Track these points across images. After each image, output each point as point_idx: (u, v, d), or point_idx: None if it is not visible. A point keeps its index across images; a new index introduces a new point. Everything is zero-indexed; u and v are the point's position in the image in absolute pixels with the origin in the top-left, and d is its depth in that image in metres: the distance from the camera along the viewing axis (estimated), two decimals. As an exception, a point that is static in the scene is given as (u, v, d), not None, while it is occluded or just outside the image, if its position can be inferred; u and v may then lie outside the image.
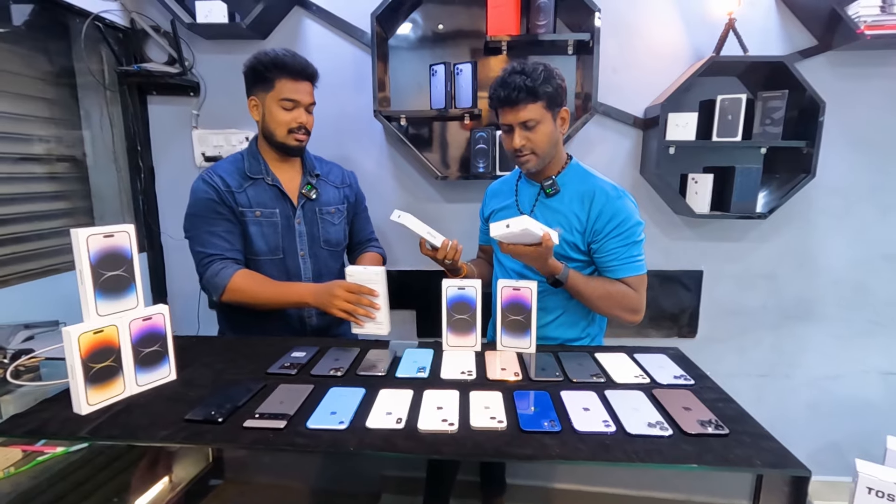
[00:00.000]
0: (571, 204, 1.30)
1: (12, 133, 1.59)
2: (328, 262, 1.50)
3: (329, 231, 1.48)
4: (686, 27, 1.88)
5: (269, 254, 1.40)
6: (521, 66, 1.23)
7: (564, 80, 1.27)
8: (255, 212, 1.37)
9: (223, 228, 1.34)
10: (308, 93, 1.38)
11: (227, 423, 0.85)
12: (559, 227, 1.29)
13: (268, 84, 1.34)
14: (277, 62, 1.32)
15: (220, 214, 1.34)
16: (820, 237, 2.00)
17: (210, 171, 1.38)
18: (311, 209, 1.46)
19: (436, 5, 1.90)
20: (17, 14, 1.60)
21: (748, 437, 0.81)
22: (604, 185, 1.29)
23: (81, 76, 1.84)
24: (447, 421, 0.84)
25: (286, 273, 1.42)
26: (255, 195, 1.38)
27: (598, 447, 0.78)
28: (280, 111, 1.35)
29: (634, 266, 1.27)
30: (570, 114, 1.30)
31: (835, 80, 1.85)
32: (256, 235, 1.38)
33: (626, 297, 1.27)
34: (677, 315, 2.07)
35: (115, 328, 0.92)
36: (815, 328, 2.07)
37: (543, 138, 1.25)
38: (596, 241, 1.28)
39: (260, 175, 1.40)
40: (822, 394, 2.11)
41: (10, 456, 0.98)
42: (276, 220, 1.40)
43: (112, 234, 0.92)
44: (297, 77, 1.34)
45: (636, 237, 1.27)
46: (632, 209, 1.28)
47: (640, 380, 1.02)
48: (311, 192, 1.45)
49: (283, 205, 1.41)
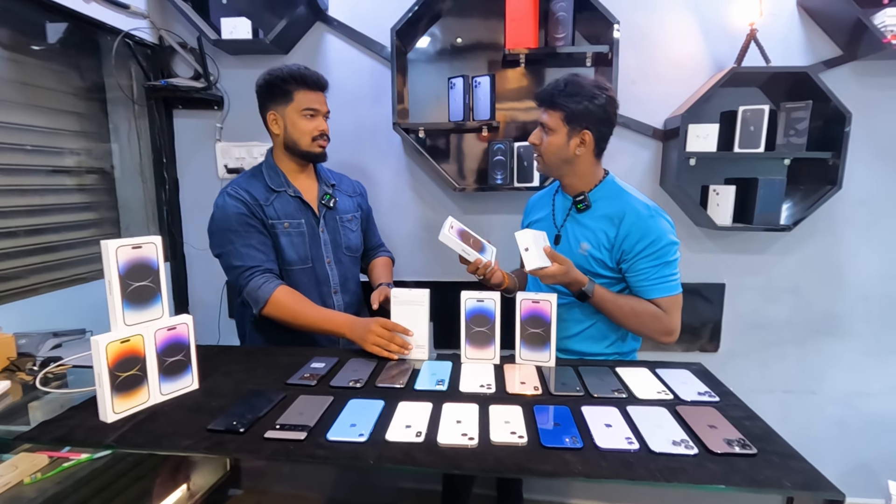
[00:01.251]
0: (601, 221, 1.29)
1: (46, 146, 1.64)
2: (351, 268, 1.56)
3: (350, 238, 1.54)
4: (706, 38, 1.86)
5: (300, 263, 1.44)
6: (567, 77, 1.25)
7: (609, 106, 1.24)
8: (283, 223, 1.42)
9: (258, 241, 1.37)
10: (324, 102, 1.46)
11: (248, 433, 0.85)
12: (586, 243, 1.29)
13: (287, 97, 1.39)
14: (295, 75, 1.39)
15: (253, 227, 1.37)
16: (847, 250, 1.95)
17: (234, 186, 1.40)
18: (332, 217, 1.51)
19: (454, 19, 1.92)
20: (52, 32, 1.67)
21: (777, 457, 0.79)
22: (636, 204, 1.26)
23: (111, 91, 1.90)
24: (467, 435, 0.83)
25: (316, 280, 1.47)
26: (281, 207, 1.42)
27: (621, 465, 0.76)
28: (302, 121, 1.41)
29: (667, 286, 1.25)
30: (592, 140, 1.26)
31: (861, 90, 1.81)
32: (287, 246, 1.42)
33: (656, 318, 1.25)
34: (699, 329, 2.03)
35: (140, 337, 0.94)
36: (843, 343, 2.01)
37: (551, 148, 1.28)
38: (626, 261, 1.26)
39: (282, 188, 1.44)
40: (852, 411, 2.04)
41: (37, 462, 1.01)
42: (304, 230, 1.45)
43: (140, 245, 0.94)
44: (314, 87, 1.42)
45: (669, 257, 1.24)
46: (665, 228, 1.25)
47: (662, 396, 1.00)
48: (330, 200, 1.50)
49: (306, 215, 1.46)
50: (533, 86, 1.94)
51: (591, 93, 1.22)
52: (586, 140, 1.26)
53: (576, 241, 1.31)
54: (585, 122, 1.24)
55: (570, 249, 1.32)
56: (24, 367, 1.17)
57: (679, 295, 1.27)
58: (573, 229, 1.33)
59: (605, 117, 1.25)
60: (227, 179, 2.05)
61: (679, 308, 1.27)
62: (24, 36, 1.57)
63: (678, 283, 1.26)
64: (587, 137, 1.25)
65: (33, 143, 1.59)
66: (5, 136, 1.51)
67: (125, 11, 1.76)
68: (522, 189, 1.87)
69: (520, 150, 1.85)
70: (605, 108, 1.24)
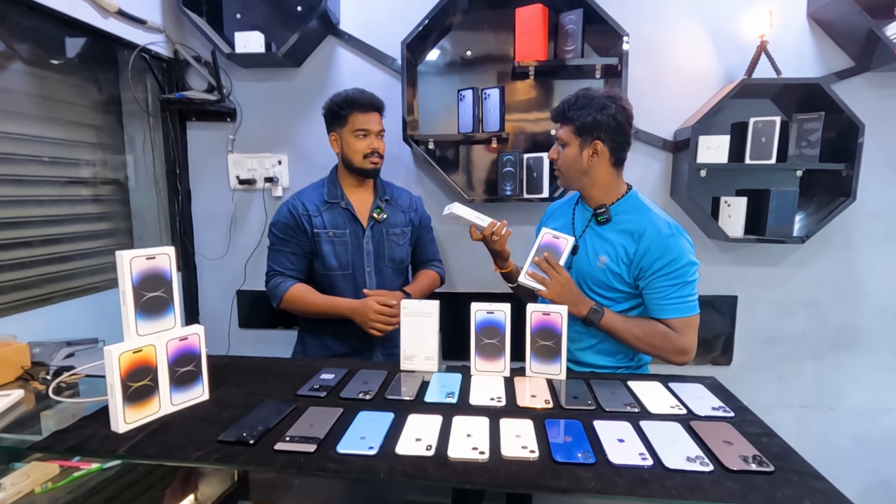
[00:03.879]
0: (622, 235, 1.27)
1: (62, 158, 1.67)
2: (392, 278, 1.64)
3: (394, 250, 1.63)
4: (716, 50, 1.86)
5: (340, 269, 1.57)
6: (580, 91, 1.28)
7: (620, 115, 1.24)
8: (328, 232, 1.56)
9: (291, 250, 1.57)
10: (377, 122, 1.56)
11: (258, 444, 0.85)
12: (605, 256, 1.28)
13: (343, 120, 1.53)
14: (349, 100, 1.53)
15: (291, 238, 1.56)
16: (863, 263, 1.92)
17: (295, 198, 1.59)
18: (379, 230, 1.61)
19: (464, 32, 1.94)
20: (71, 47, 1.70)
21: (795, 475, 0.77)
22: (657, 222, 1.25)
23: (127, 104, 1.93)
24: (477, 449, 0.82)
25: (354, 285, 1.58)
26: (329, 218, 1.57)
27: (636, 481, 0.75)
28: (355, 140, 1.53)
29: (683, 307, 1.23)
30: (605, 149, 1.26)
31: (874, 101, 1.80)
32: (329, 253, 1.55)
33: (667, 339, 1.23)
34: (711, 341, 2.01)
35: (153, 348, 0.94)
36: (861, 358, 1.97)
37: (566, 161, 1.30)
38: (643, 278, 1.25)
39: (336, 200, 1.58)
40: (871, 427, 1.99)
41: (49, 471, 1.01)
42: (347, 240, 1.57)
43: (154, 256, 0.95)
44: (366, 109, 1.53)
45: (687, 277, 1.22)
46: (684, 248, 1.23)
47: (676, 410, 0.99)
48: (381, 214, 1.61)
49: (353, 226, 1.58)
50: (542, 98, 1.95)
51: (600, 104, 1.23)
52: (598, 150, 1.26)
53: (594, 253, 1.30)
54: (596, 133, 1.25)
55: (588, 261, 1.31)
56: (37, 376, 1.18)
57: (695, 316, 1.24)
58: (592, 241, 1.32)
59: (617, 126, 1.25)
60: (239, 190, 2.07)
61: (694, 329, 1.25)
62: (44, 51, 1.61)
63: (695, 304, 1.24)
64: (599, 147, 1.26)
65: (50, 154, 1.62)
66: (22, 148, 1.54)
67: (142, 27, 1.80)
68: (532, 200, 1.87)
69: (529, 161, 1.85)
70: (616, 117, 1.24)
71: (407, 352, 1.20)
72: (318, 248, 1.55)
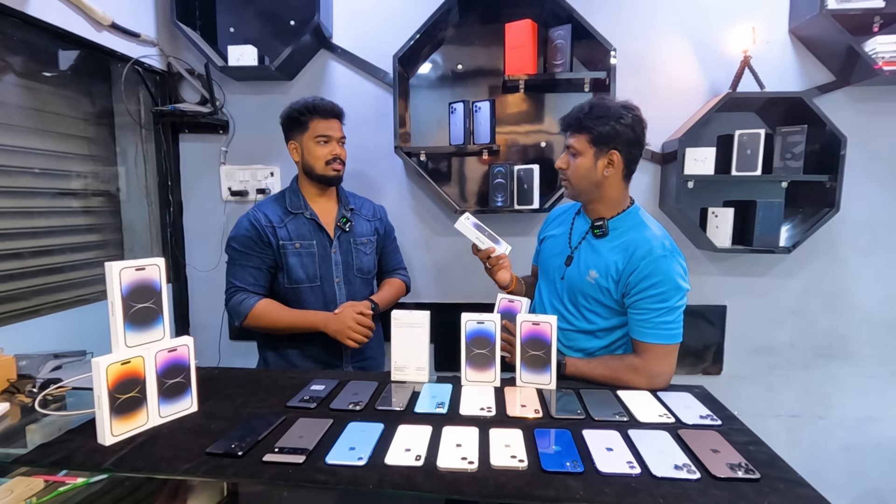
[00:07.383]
0: (615, 251, 1.25)
1: (54, 169, 1.67)
2: (361, 289, 1.61)
3: (363, 260, 1.61)
4: (702, 64, 1.90)
5: (308, 281, 1.53)
6: (594, 100, 1.25)
7: (637, 126, 1.23)
8: (295, 244, 1.51)
9: (253, 264, 1.50)
10: (338, 128, 1.55)
11: (247, 456, 0.85)
12: (595, 271, 1.26)
13: (303, 126, 1.51)
14: (308, 106, 1.51)
15: (253, 252, 1.49)
16: (848, 273, 1.95)
17: (256, 209, 1.54)
18: (346, 240, 1.58)
19: (455, 46, 1.97)
20: (64, 60, 1.71)
21: (781, 482, 0.78)
22: (651, 241, 1.21)
23: (119, 116, 1.94)
24: (467, 459, 0.82)
25: (323, 298, 1.54)
26: (294, 229, 1.52)
27: (624, 490, 0.75)
28: (316, 147, 1.51)
29: (664, 334, 1.17)
30: (621, 161, 1.24)
31: (855, 114, 1.84)
32: (296, 265, 1.51)
33: (636, 371, 1.18)
34: (701, 351, 2.02)
35: (141, 359, 0.94)
36: (850, 367, 1.99)
37: (578, 170, 1.27)
38: (629, 296, 1.22)
39: (300, 210, 1.54)
40: (860, 437, 2.01)
41: (33, 486, 1.00)
42: (315, 251, 1.53)
43: (143, 267, 0.95)
44: (326, 116, 1.52)
45: (672, 303, 1.17)
46: (674, 271, 1.18)
47: (664, 419, 0.99)
48: (347, 224, 1.58)
49: (320, 236, 1.54)
50: (532, 110, 1.98)
51: (617, 113, 1.21)
52: (614, 160, 1.23)
53: (586, 266, 1.29)
54: (613, 143, 1.22)
55: (580, 274, 1.30)
56: (23, 388, 1.17)
57: (675, 345, 1.19)
58: (586, 254, 1.31)
59: (634, 137, 1.23)
60: (231, 202, 2.08)
61: (672, 356, 1.19)
62: (37, 63, 1.62)
63: (677, 333, 1.18)
64: (615, 158, 1.23)
65: (41, 166, 1.62)
66: (13, 160, 1.53)
67: (135, 40, 1.81)
68: (523, 211, 1.88)
69: (520, 172, 1.87)
70: (634, 127, 1.22)
71: (398, 362, 1.21)
72: (283, 260, 1.50)
